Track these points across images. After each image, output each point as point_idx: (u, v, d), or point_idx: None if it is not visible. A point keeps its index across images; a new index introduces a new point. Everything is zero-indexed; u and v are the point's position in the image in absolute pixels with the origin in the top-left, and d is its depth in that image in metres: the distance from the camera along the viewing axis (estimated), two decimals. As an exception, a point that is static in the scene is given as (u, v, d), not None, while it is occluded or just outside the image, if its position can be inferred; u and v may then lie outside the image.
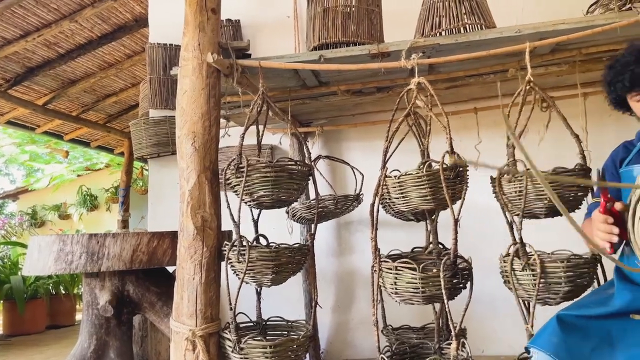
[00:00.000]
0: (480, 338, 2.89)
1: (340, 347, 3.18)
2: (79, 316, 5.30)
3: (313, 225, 2.15)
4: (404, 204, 1.76)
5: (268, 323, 2.23)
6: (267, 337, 2.14)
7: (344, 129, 3.26)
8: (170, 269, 2.52)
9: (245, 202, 1.99)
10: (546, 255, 1.86)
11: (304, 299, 3.11)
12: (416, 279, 1.67)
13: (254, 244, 2.06)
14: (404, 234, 2.78)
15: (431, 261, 1.84)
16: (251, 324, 2.19)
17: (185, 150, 1.99)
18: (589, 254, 1.75)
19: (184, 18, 2.04)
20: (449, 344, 1.76)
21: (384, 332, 2.17)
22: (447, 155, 1.72)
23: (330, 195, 2.56)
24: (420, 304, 1.72)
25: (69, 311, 5.34)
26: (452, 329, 1.69)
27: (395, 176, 1.77)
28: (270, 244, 2.11)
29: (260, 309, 2.21)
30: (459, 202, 1.76)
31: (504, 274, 1.81)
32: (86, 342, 2.23)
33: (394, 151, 1.87)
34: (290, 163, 2.03)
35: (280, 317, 2.25)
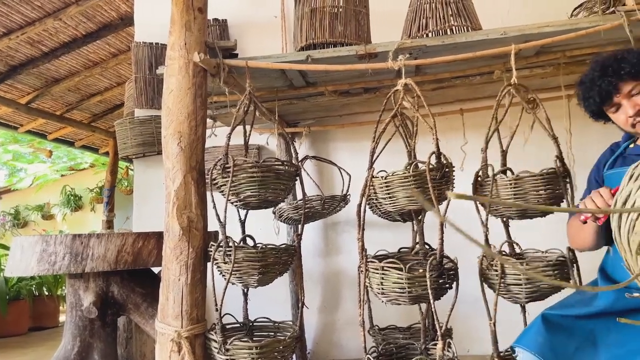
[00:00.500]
0: (465, 338, 2.90)
1: (326, 347, 3.18)
2: (62, 318, 5.22)
3: (300, 226, 2.14)
4: (390, 204, 1.76)
5: (255, 324, 2.22)
6: (253, 338, 2.12)
7: (331, 129, 3.26)
8: (155, 269, 2.49)
9: (232, 203, 1.98)
10: (518, 255, 1.85)
11: (290, 299, 3.10)
12: (402, 279, 1.67)
13: (241, 244, 2.05)
14: (390, 235, 2.79)
15: (417, 261, 1.85)
16: (238, 325, 2.18)
17: (171, 150, 1.98)
18: (562, 255, 1.72)
19: (170, 17, 2.03)
20: (435, 344, 1.77)
21: (371, 332, 2.17)
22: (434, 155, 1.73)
23: (318, 195, 2.56)
24: (406, 304, 1.72)
25: (53, 313, 5.25)
26: (438, 329, 1.70)
27: (382, 177, 1.77)
28: (257, 245, 2.10)
29: (247, 309, 2.20)
30: (444, 202, 1.77)
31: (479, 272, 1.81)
32: (70, 344, 2.20)
33: (381, 152, 1.87)
34: (277, 163, 2.02)
35: (267, 318, 2.24)
